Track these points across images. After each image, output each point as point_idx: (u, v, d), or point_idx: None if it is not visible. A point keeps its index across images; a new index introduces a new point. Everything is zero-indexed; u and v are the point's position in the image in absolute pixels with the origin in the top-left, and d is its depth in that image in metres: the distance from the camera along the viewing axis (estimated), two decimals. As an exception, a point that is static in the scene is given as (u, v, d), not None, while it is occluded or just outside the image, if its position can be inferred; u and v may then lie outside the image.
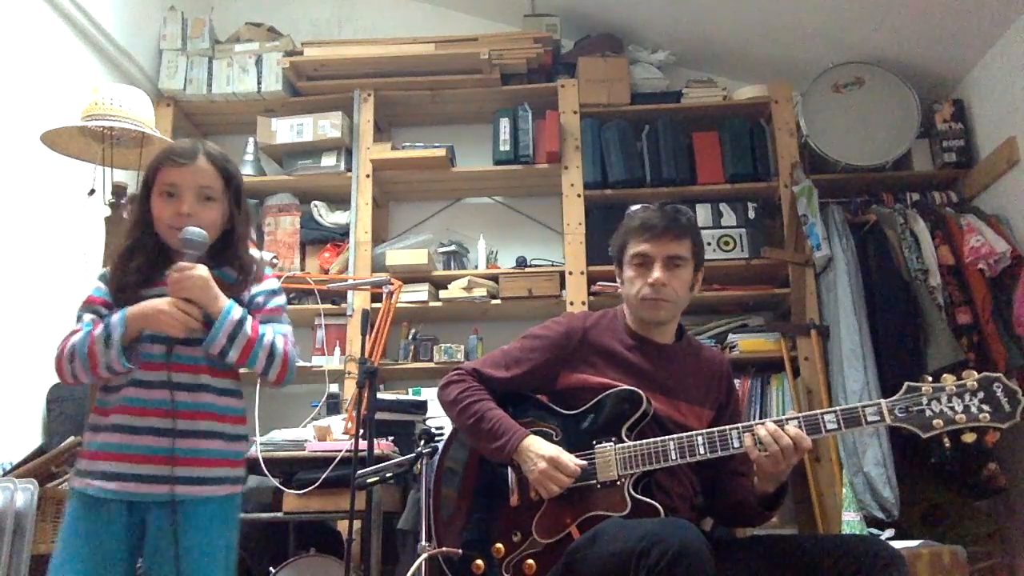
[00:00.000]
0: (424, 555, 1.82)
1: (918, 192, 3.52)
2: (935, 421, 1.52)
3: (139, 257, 1.63)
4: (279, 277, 2.91)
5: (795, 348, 3.35)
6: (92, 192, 2.61)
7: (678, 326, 1.95)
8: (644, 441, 1.68)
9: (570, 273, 3.49)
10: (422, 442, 2.15)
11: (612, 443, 1.70)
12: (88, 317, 1.60)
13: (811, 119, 3.52)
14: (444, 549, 1.78)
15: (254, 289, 1.68)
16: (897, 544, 2.26)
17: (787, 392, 3.33)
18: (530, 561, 1.67)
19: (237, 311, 1.58)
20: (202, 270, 1.56)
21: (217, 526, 1.59)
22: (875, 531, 2.76)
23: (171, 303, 1.54)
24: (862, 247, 3.36)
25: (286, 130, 3.68)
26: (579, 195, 3.57)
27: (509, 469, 1.79)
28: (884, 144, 3.48)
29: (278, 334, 1.64)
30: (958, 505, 3.18)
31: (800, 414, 1.61)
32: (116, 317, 1.54)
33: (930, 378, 1.57)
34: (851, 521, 2.77)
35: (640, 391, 1.73)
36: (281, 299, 1.73)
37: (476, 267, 3.66)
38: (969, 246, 3.21)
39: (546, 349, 1.87)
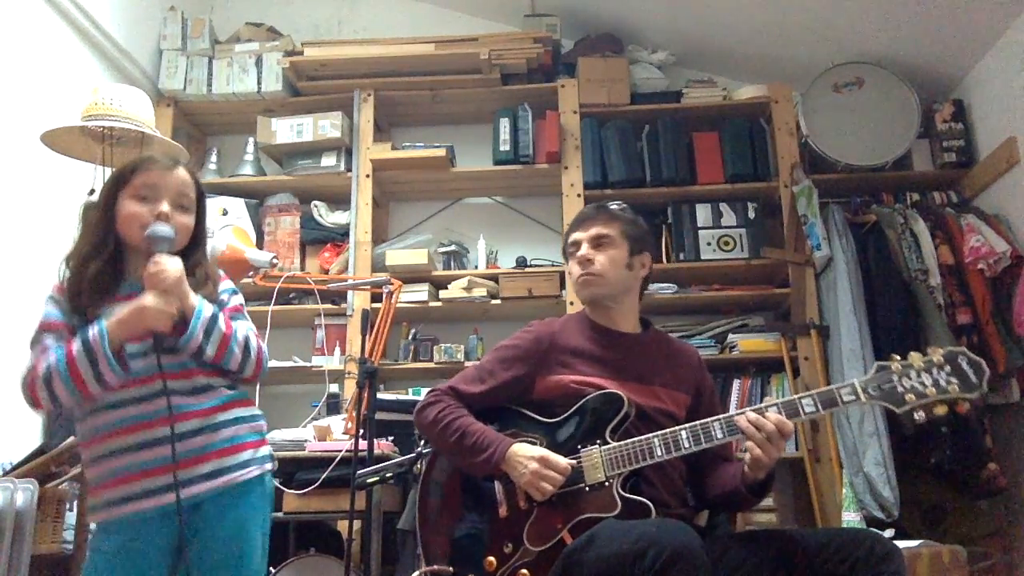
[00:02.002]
0: (414, 575, 1.81)
1: (918, 192, 3.52)
2: (907, 396, 1.57)
3: (98, 262, 1.58)
4: (278, 277, 2.93)
5: (795, 348, 3.35)
6: (92, 192, 2.61)
7: (644, 319, 1.98)
8: (629, 440, 1.69)
9: (570, 273, 3.48)
10: (422, 442, 2.15)
11: (597, 446, 1.71)
12: (51, 340, 1.53)
13: (811, 119, 3.52)
14: (435, 568, 1.77)
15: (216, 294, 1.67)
16: (897, 544, 2.26)
17: (787, 392, 3.33)
18: (523, 571, 1.66)
19: (209, 307, 1.58)
20: (178, 263, 1.54)
21: (247, 513, 1.58)
22: (874, 530, 2.76)
23: (144, 300, 1.50)
24: (862, 247, 3.36)
25: (286, 130, 3.68)
26: (579, 195, 3.57)
27: (496, 481, 1.78)
28: (884, 144, 3.48)
29: (249, 330, 1.65)
30: (958, 505, 3.18)
31: (778, 400, 1.64)
32: (94, 329, 1.48)
33: (898, 357, 1.61)
34: (851, 521, 2.77)
35: (620, 393, 1.74)
36: (239, 298, 1.73)
37: (476, 267, 3.67)
38: (969, 246, 3.21)
39: (519, 358, 1.88)
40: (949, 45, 3.44)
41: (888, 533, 2.68)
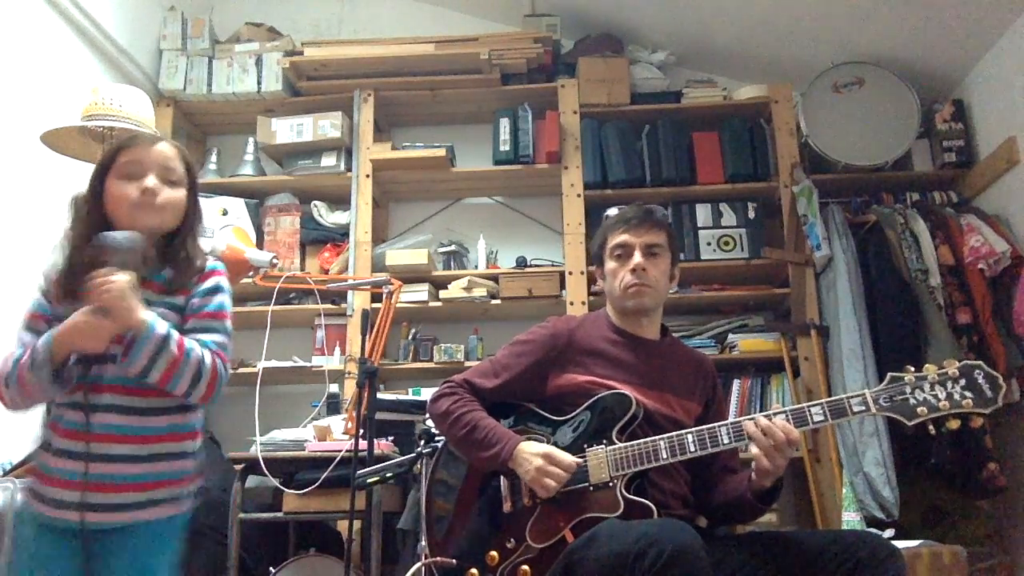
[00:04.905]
0: (416, 566, 1.82)
1: (918, 192, 3.52)
2: (919, 409, 1.55)
3: (86, 254, 1.51)
4: (278, 277, 2.92)
5: (795, 348, 3.35)
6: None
7: (662, 326, 1.98)
8: (635, 442, 1.69)
9: (570, 273, 3.49)
10: (422, 442, 2.15)
11: (603, 446, 1.71)
12: (26, 338, 1.50)
13: (811, 119, 3.52)
14: (438, 559, 1.78)
15: (195, 289, 1.57)
16: (897, 544, 2.26)
17: (787, 392, 3.33)
18: (524, 567, 1.67)
19: (161, 326, 1.45)
20: (121, 278, 1.42)
21: (153, 553, 1.50)
22: (875, 531, 2.76)
23: (83, 315, 1.42)
24: (862, 247, 3.36)
25: (286, 130, 3.68)
26: (579, 195, 3.57)
27: (501, 477, 1.79)
28: (884, 144, 3.47)
29: (208, 347, 1.52)
30: (958, 505, 3.18)
31: (787, 408, 1.64)
32: (43, 339, 1.44)
33: (912, 368, 1.59)
34: (851, 521, 2.77)
35: (629, 394, 1.75)
36: (221, 298, 1.59)
37: (476, 267, 3.66)
38: (969, 246, 3.21)
39: (533, 352, 1.89)
40: (949, 45, 3.44)
41: (888, 533, 2.69)
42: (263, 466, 2.64)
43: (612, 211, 2.04)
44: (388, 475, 2.29)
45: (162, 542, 1.52)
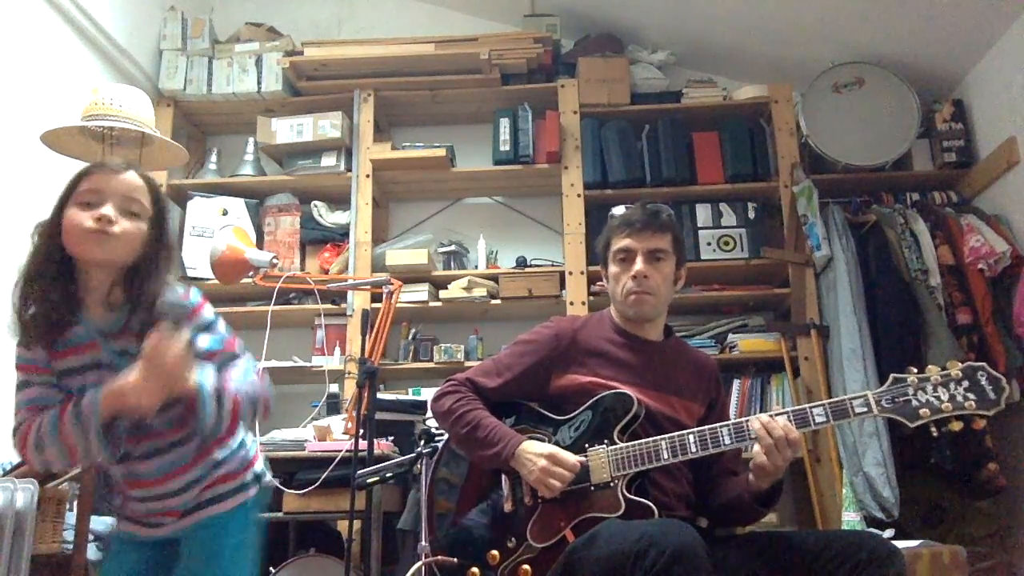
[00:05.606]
0: (417, 564, 1.82)
1: (918, 192, 3.52)
2: (922, 410, 1.54)
3: (43, 287, 1.45)
4: (278, 277, 2.92)
5: (795, 348, 3.35)
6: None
7: (666, 326, 1.98)
8: (636, 442, 1.69)
9: (570, 273, 3.49)
10: (422, 442, 2.15)
11: (604, 445, 1.71)
12: (37, 390, 1.44)
13: (811, 119, 3.52)
14: (439, 558, 1.78)
15: (193, 330, 1.47)
16: (897, 544, 2.26)
17: (787, 392, 3.33)
18: (525, 566, 1.67)
19: (209, 379, 1.42)
20: (182, 341, 1.37)
21: (222, 537, 1.54)
22: (875, 531, 2.76)
23: (139, 378, 1.35)
24: (862, 247, 3.36)
25: (286, 130, 3.68)
26: (579, 195, 3.57)
27: (503, 476, 1.79)
28: (884, 144, 3.48)
29: (249, 376, 1.50)
30: (958, 505, 3.18)
31: (789, 409, 1.63)
32: (88, 400, 1.38)
33: (915, 369, 1.58)
34: (851, 521, 2.77)
35: (630, 393, 1.75)
36: (223, 328, 1.53)
37: (476, 267, 3.66)
38: (969, 246, 3.21)
39: (536, 352, 1.88)
40: (949, 45, 3.44)
41: (888, 533, 2.69)
42: (263, 466, 2.64)
43: (618, 210, 2.00)
44: (388, 475, 2.29)
45: (232, 526, 1.55)
